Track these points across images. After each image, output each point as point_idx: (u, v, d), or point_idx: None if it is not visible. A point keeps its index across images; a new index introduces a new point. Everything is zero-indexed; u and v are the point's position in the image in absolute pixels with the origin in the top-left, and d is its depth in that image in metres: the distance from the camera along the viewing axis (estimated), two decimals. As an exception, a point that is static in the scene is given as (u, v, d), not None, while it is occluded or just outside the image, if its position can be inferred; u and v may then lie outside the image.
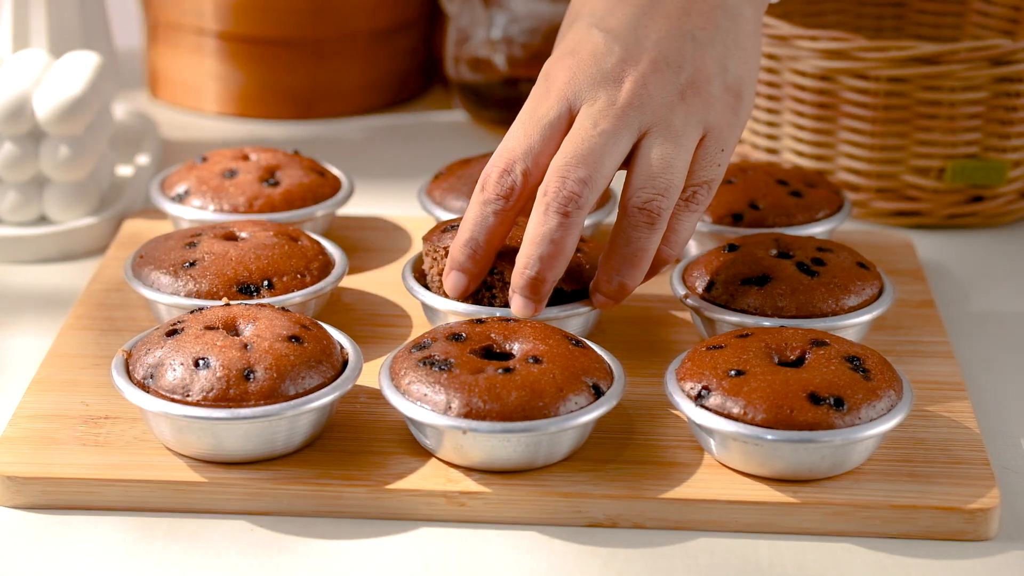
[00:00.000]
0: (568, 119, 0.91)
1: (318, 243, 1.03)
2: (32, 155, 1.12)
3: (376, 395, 0.92)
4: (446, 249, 0.95)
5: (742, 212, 1.06)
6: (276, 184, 1.10)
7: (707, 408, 0.85)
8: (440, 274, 0.96)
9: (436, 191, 1.09)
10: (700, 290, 0.97)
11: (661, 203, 0.90)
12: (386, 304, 1.04)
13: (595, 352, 0.89)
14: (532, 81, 1.26)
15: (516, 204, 0.91)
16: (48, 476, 0.85)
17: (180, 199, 1.09)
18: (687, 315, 1.02)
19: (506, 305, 0.95)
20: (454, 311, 0.95)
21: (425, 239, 0.97)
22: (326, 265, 1.01)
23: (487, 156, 1.00)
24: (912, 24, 1.33)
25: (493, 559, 0.82)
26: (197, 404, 0.85)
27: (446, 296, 0.95)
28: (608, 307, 0.94)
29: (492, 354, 0.88)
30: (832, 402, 0.84)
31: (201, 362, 0.86)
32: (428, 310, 0.98)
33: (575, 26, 0.93)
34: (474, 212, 0.92)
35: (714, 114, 0.91)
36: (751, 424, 0.84)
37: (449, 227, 0.97)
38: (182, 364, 0.86)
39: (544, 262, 0.89)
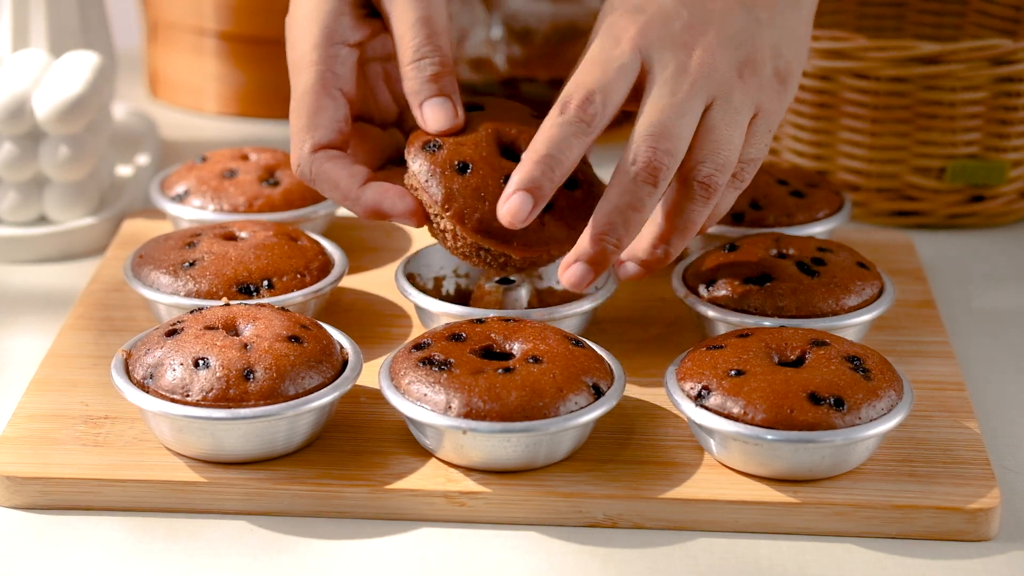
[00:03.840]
0: (638, 70, 0.90)
1: (318, 243, 1.03)
2: (32, 155, 1.12)
3: (376, 395, 0.92)
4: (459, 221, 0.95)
5: (742, 212, 1.06)
6: (276, 184, 1.10)
7: (707, 408, 0.85)
8: (461, 249, 0.95)
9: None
10: (700, 290, 0.97)
11: (719, 178, 0.90)
12: (386, 304, 1.04)
13: (595, 352, 0.89)
14: (532, 81, 1.26)
15: (594, 133, 0.89)
16: (48, 476, 0.85)
17: (180, 199, 1.09)
18: (687, 315, 1.02)
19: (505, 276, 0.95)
20: (447, 312, 0.95)
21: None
22: (326, 265, 1.01)
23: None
24: (912, 24, 1.33)
25: (493, 559, 0.82)
26: (197, 404, 0.85)
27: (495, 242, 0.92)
28: (639, 277, 0.92)
29: (492, 354, 0.88)
30: (832, 402, 0.84)
31: (201, 362, 0.86)
32: (421, 311, 0.98)
33: None
34: (551, 132, 0.88)
35: (764, 96, 0.92)
36: (751, 424, 0.84)
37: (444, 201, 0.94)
38: (182, 364, 0.86)
39: (624, 232, 0.88)
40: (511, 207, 0.87)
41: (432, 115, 0.92)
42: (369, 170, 0.93)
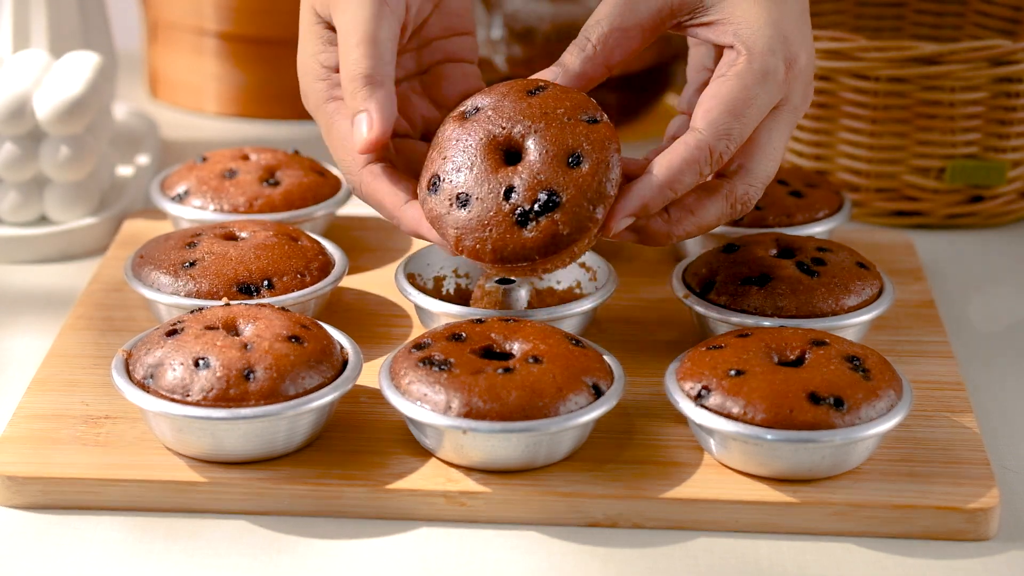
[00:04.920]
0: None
1: (318, 243, 1.03)
2: (32, 155, 1.12)
3: (376, 395, 0.92)
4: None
5: (742, 212, 1.06)
6: (276, 184, 1.10)
7: (707, 408, 0.85)
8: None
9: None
10: (700, 290, 0.97)
11: (756, 197, 0.91)
12: (386, 304, 1.04)
13: (595, 352, 0.89)
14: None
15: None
16: (48, 476, 0.85)
17: (180, 199, 1.09)
18: (687, 315, 1.02)
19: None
20: (447, 312, 0.95)
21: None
22: (326, 265, 1.01)
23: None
24: (912, 24, 1.33)
25: (493, 559, 0.82)
26: (197, 404, 0.85)
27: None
28: (622, 238, 0.91)
29: (492, 354, 0.88)
30: (832, 402, 0.84)
31: (201, 362, 0.86)
32: (421, 312, 0.98)
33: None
34: (682, 172, 0.88)
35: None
36: (751, 424, 0.84)
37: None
38: (182, 364, 0.86)
39: (689, 234, 0.90)
40: (619, 227, 0.88)
41: (355, 134, 0.90)
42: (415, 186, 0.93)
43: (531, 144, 0.89)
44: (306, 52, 0.95)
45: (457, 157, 0.90)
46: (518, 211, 0.88)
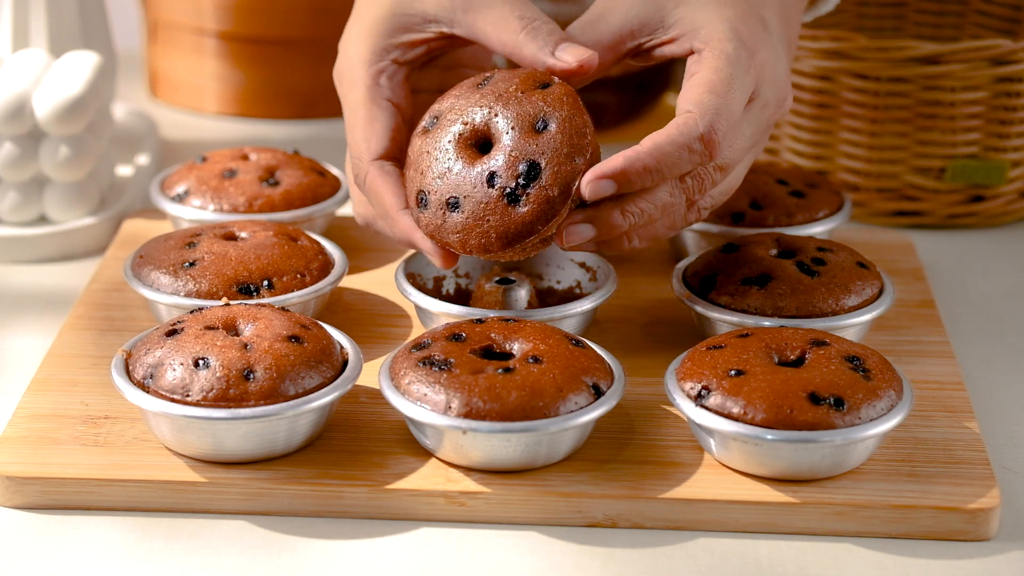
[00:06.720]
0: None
1: (318, 243, 1.03)
2: (32, 155, 1.12)
3: (376, 395, 0.92)
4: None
5: (742, 212, 1.06)
6: (276, 184, 1.10)
7: (707, 408, 0.85)
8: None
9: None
10: (700, 290, 0.97)
11: (715, 182, 0.91)
12: (386, 304, 1.04)
13: (595, 352, 0.89)
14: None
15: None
16: (48, 476, 0.85)
17: (180, 199, 1.09)
18: (687, 315, 1.02)
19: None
20: (447, 312, 0.95)
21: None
22: (326, 265, 1.01)
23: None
24: (912, 24, 1.33)
25: (493, 559, 0.82)
26: (197, 404, 0.85)
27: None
28: (580, 240, 0.89)
29: (492, 354, 0.88)
30: (832, 402, 0.84)
31: (201, 362, 0.86)
32: (421, 312, 0.98)
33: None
34: (672, 154, 0.87)
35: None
36: (751, 424, 0.84)
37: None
38: (182, 364, 0.86)
39: (643, 212, 0.88)
40: (596, 189, 0.87)
41: (574, 55, 0.92)
42: None
43: (496, 127, 0.90)
44: (360, 33, 0.95)
45: (433, 167, 0.91)
46: (506, 192, 0.88)
